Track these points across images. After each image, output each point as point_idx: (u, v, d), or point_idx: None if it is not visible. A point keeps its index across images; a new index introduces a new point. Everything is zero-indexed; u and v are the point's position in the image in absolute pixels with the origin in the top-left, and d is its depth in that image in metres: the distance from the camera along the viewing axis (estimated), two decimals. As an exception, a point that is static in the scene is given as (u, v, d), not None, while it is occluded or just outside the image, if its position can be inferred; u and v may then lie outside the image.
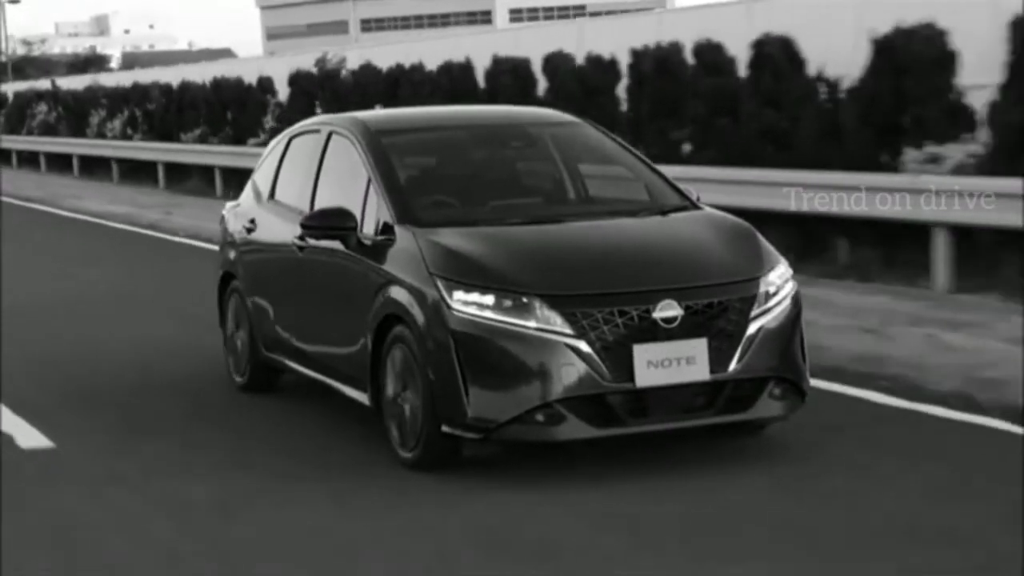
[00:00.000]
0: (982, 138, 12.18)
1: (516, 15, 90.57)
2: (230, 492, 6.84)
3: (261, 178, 9.24)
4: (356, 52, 29.14)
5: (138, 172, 29.46)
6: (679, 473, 6.80)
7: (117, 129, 32.80)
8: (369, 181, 7.60)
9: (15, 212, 24.03)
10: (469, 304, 6.70)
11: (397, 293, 7.05)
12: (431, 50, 24.39)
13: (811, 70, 13.91)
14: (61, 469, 7.38)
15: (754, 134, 13.32)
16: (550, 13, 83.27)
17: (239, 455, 7.53)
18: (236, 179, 22.88)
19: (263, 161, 9.37)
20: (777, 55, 14.52)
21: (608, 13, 47.56)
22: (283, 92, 26.10)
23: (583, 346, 6.55)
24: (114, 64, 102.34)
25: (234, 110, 27.54)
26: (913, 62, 12.86)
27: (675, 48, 16.29)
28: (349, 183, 7.79)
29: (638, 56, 16.68)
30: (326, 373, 7.97)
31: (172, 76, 32.71)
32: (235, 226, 9.32)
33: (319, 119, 8.83)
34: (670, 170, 9.28)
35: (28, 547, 6.10)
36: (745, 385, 6.81)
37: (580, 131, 8.49)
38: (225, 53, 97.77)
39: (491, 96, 19.57)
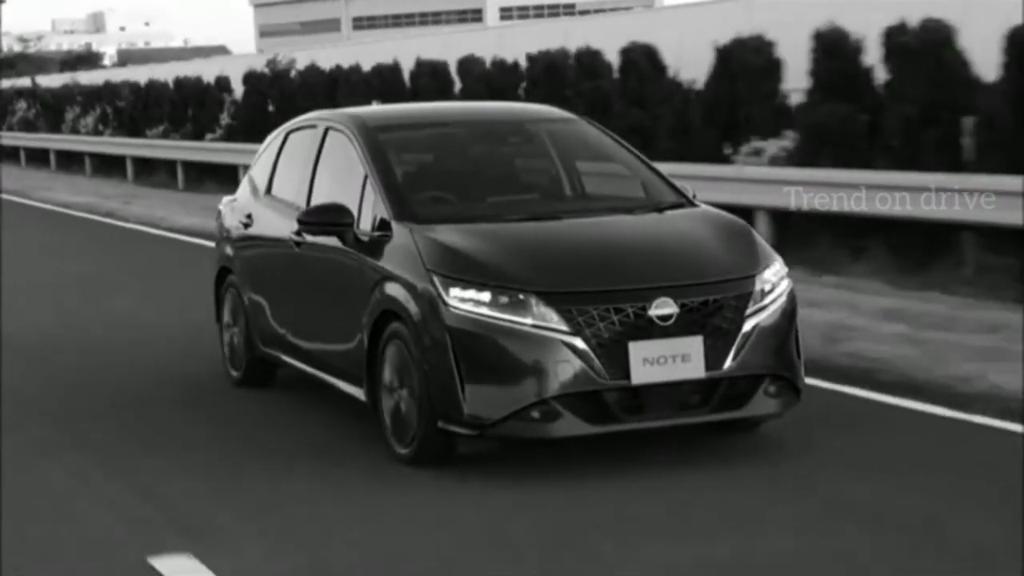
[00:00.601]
0: (792, 135, 14.45)
1: (506, 13, 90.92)
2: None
3: (258, 173, 9.25)
4: (347, 49, 29.52)
5: (110, 166, 31.45)
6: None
7: (90, 125, 34.86)
8: (366, 177, 7.61)
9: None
10: (465, 301, 6.71)
11: (393, 289, 7.06)
12: (412, 48, 25.32)
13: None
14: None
15: (623, 130, 14.04)
16: (540, 11, 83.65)
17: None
18: (195, 171, 26.64)
19: (259, 156, 9.38)
20: (641, 61, 17.29)
21: (597, 11, 48.13)
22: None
23: (579, 343, 6.57)
24: (107, 61, 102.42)
25: (194, 107, 29.65)
26: (744, 69, 15.22)
27: (562, 54, 18.89)
28: (346, 179, 7.80)
29: (532, 61, 19.29)
30: (322, 368, 7.98)
31: (165, 73, 33.86)
32: (231, 221, 9.33)
33: (316, 115, 8.84)
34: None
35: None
36: (740, 382, 6.83)
37: (577, 128, 8.51)
38: (220, 50, 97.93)
39: (415, 95, 21.71)
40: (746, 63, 15.23)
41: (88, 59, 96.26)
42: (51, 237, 19.60)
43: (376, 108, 9.06)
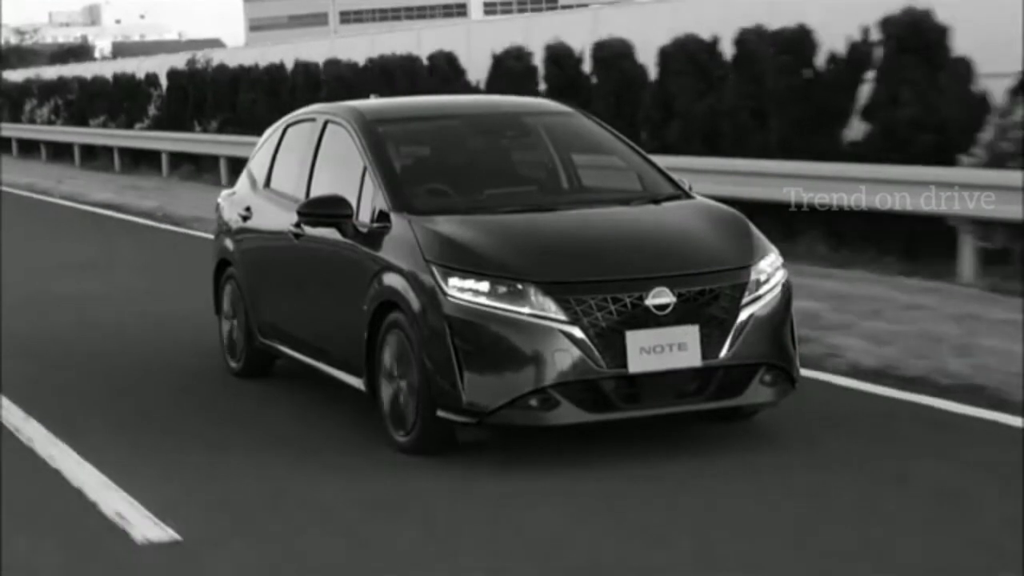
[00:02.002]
0: None
1: (490, 8, 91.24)
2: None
3: (257, 166, 9.31)
4: (331, 44, 30.33)
5: (63, 153, 35.67)
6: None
7: (45, 116, 39.00)
8: (365, 169, 7.67)
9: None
10: (464, 291, 6.78)
11: (393, 280, 7.13)
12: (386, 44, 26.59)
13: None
14: None
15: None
16: (523, 6, 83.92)
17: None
18: (130, 157, 31.48)
19: (258, 150, 9.43)
20: (441, 65, 22.12)
21: (579, 6, 49.12)
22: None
23: (577, 332, 6.64)
24: (98, 55, 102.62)
25: (127, 100, 33.71)
26: (507, 73, 19.56)
27: (409, 57, 23.28)
28: (345, 171, 7.86)
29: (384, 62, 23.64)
30: (322, 359, 8.05)
31: (156, 65, 35.17)
32: (230, 214, 9.39)
33: (315, 108, 8.90)
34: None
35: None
36: (736, 371, 6.90)
37: (574, 121, 8.58)
38: (214, 43, 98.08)
39: (291, 92, 25.70)
40: (508, 68, 19.61)
41: (77, 52, 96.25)
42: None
43: (375, 101, 9.11)
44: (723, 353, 6.81)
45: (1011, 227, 11.51)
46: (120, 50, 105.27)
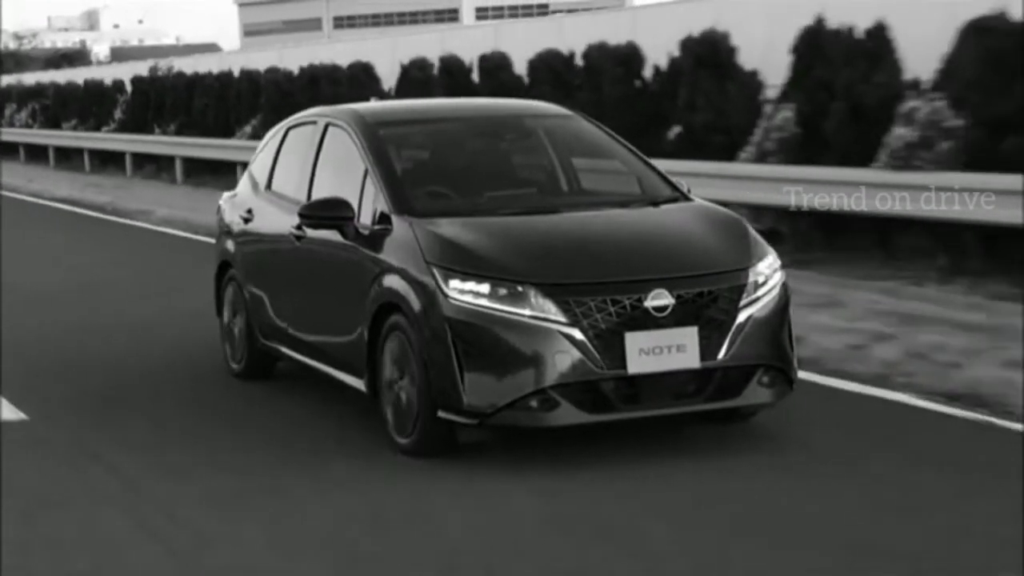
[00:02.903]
0: None
1: (482, 13, 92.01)
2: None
3: (258, 169, 9.36)
4: (319, 51, 31.49)
5: (40, 155, 37.62)
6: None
7: (23, 120, 41.62)
8: (366, 172, 7.72)
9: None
10: (465, 292, 6.83)
11: (394, 282, 7.18)
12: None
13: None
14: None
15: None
16: (515, 11, 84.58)
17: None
18: (99, 157, 33.36)
19: (259, 152, 9.48)
20: (359, 74, 25.05)
21: (570, 11, 49.98)
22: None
23: (576, 334, 6.69)
24: (93, 59, 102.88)
25: (96, 105, 36.30)
26: (411, 81, 22.34)
27: (333, 66, 25.77)
28: (346, 174, 7.91)
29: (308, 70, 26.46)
30: (323, 361, 8.09)
31: (125, 72, 37.75)
32: (232, 216, 9.43)
33: (316, 111, 8.95)
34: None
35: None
36: (734, 373, 6.95)
37: (574, 124, 8.63)
38: (211, 48, 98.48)
39: (237, 97, 28.17)
40: (414, 77, 22.46)
41: (71, 57, 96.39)
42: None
43: (375, 104, 9.19)
44: (721, 354, 6.86)
45: (776, 211, 13.98)
46: (118, 55, 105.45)
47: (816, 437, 7.35)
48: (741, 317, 6.95)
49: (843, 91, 14.11)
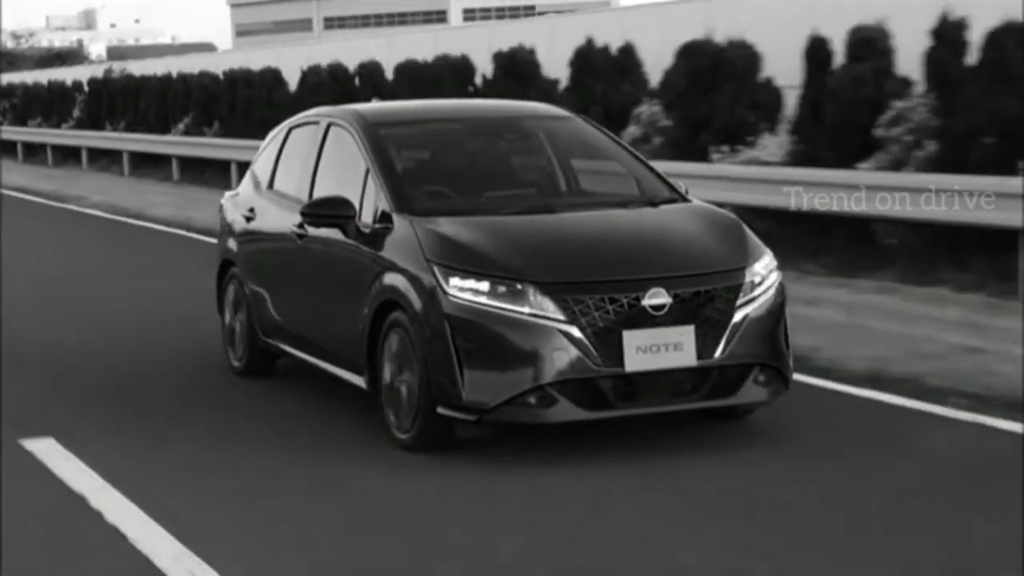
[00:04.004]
0: None
1: (469, 15, 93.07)
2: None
3: (260, 168, 9.44)
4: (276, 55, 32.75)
5: (11, 151, 39.02)
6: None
7: None
8: (367, 171, 7.80)
9: None
10: (465, 290, 6.91)
11: (394, 279, 7.26)
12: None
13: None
14: None
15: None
16: (502, 13, 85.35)
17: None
18: (61, 153, 35.98)
19: (262, 152, 9.56)
20: (268, 79, 27.47)
21: (557, 12, 50.89)
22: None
23: (574, 332, 6.77)
24: (93, 58, 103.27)
25: (57, 103, 39.51)
26: (310, 86, 25.10)
27: (247, 71, 28.49)
28: (348, 173, 7.99)
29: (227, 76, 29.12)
30: (324, 358, 8.17)
31: (143, 68, 38.10)
32: (234, 215, 9.51)
33: (318, 111, 9.03)
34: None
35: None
36: (730, 371, 7.03)
37: (573, 125, 8.72)
38: (206, 47, 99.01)
39: (173, 98, 31.25)
40: (311, 82, 25.49)
41: (64, 57, 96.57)
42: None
43: (377, 105, 9.27)
44: (718, 353, 6.94)
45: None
46: (114, 54, 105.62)
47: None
48: (737, 316, 7.03)
49: (600, 98, 17.82)
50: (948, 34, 13.15)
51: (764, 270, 7.30)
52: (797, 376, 7.79)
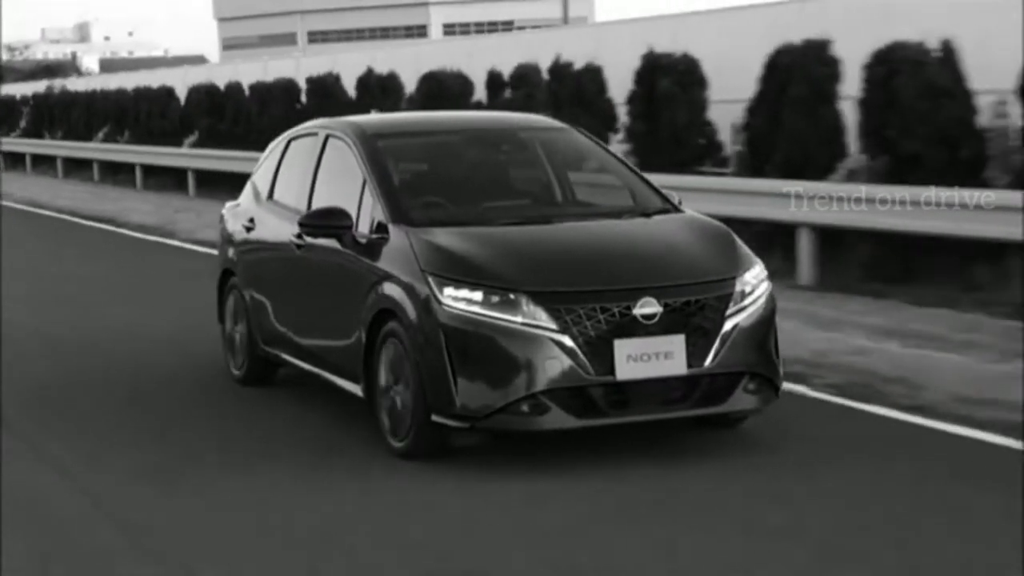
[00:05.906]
0: None
1: (449, 30, 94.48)
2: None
3: (260, 179, 9.54)
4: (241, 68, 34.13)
5: None
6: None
7: None
8: (364, 182, 7.90)
9: None
10: (459, 300, 7.00)
11: (390, 289, 7.35)
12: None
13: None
14: None
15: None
16: (481, 28, 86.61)
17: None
18: (10, 159, 40.85)
19: (262, 163, 9.66)
20: (163, 95, 32.34)
21: (534, 27, 51.79)
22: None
23: (567, 340, 6.85)
24: (85, 71, 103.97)
25: (7, 115, 44.99)
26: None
27: (148, 88, 33.86)
28: (345, 184, 8.09)
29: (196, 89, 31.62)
30: (321, 366, 8.26)
31: (136, 81, 39.64)
32: (234, 225, 9.62)
33: (316, 123, 9.12)
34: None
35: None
36: (721, 379, 7.11)
37: (568, 137, 8.81)
38: (198, 60, 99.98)
39: (101, 112, 36.75)
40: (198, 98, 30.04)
41: (54, 69, 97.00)
42: None
43: (374, 117, 9.35)
44: (708, 362, 7.03)
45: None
46: (107, 66, 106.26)
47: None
48: (728, 325, 7.11)
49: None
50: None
51: (754, 280, 7.38)
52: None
